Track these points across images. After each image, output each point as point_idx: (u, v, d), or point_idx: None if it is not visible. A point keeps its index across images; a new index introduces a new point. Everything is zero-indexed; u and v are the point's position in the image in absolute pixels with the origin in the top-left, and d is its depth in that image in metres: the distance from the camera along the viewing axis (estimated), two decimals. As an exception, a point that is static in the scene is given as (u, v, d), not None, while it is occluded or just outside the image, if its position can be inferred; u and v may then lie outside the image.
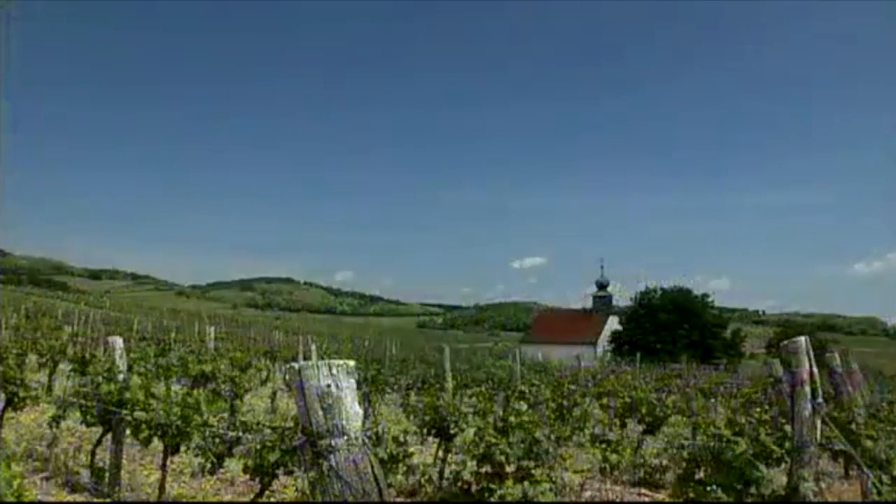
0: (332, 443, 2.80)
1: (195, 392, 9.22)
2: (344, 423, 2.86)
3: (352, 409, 2.90)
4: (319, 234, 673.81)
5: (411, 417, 11.38)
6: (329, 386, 2.88)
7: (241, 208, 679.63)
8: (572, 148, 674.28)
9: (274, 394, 17.80)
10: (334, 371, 2.91)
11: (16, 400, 10.94)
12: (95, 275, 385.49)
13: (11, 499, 3.88)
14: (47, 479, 9.49)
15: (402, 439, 7.09)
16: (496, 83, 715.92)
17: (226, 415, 8.00)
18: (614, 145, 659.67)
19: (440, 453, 10.25)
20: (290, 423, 7.09)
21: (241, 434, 7.03)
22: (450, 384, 13.72)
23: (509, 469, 6.03)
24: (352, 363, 2.98)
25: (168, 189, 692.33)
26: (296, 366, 2.97)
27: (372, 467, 2.84)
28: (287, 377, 3.16)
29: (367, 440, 2.87)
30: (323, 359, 18.53)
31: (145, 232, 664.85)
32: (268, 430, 6.82)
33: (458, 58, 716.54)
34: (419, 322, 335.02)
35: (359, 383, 2.98)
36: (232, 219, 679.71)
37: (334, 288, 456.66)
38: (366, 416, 6.39)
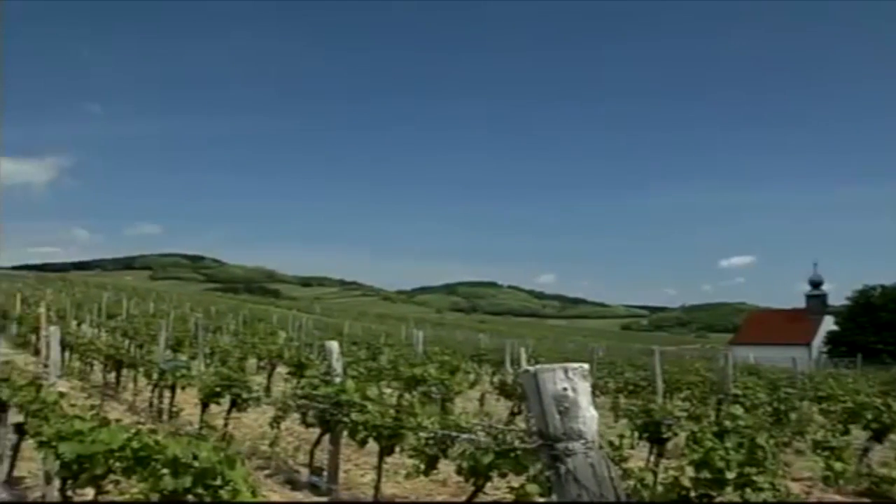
0: (569, 446, 2.75)
1: (408, 395, 9.40)
2: (581, 426, 2.80)
3: (588, 413, 2.84)
4: (522, 238, 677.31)
5: (620, 421, 11.19)
6: (565, 389, 2.82)
7: (444, 215, 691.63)
8: (784, 142, 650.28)
9: (482, 397, 17.89)
10: (570, 374, 2.85)
11: (239, 401, 11.47)
12: (306, 282, 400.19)
13: (248, 494, 4.04)
14: (269, 476, 9.90)
15: (616, 443, 6.99)
16: (706, 71, 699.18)
17: (437, 417, 8.07)
18: (826, 137, 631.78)
19: (652, 458, 10.04)
20: (500, 426, 7.10)
21: (455, 436, 7.08)
22: (660, 387, 13.41)
23: (729, 475, 5.81)
24: (586, 366, 2.92)
25: (372, 198, 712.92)
26: (531, 370, 2.93)
27: (609, 471, 2.77)
28: (522, 381, 3.12)
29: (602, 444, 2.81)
30: (530, 362, 18.63)
31: (352, 240, 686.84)
32: (481, 433, 6.84)
33: (672, 47, 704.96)
34: (624, 324, 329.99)
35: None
36: (434, 225, 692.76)
37: (537, 291, 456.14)
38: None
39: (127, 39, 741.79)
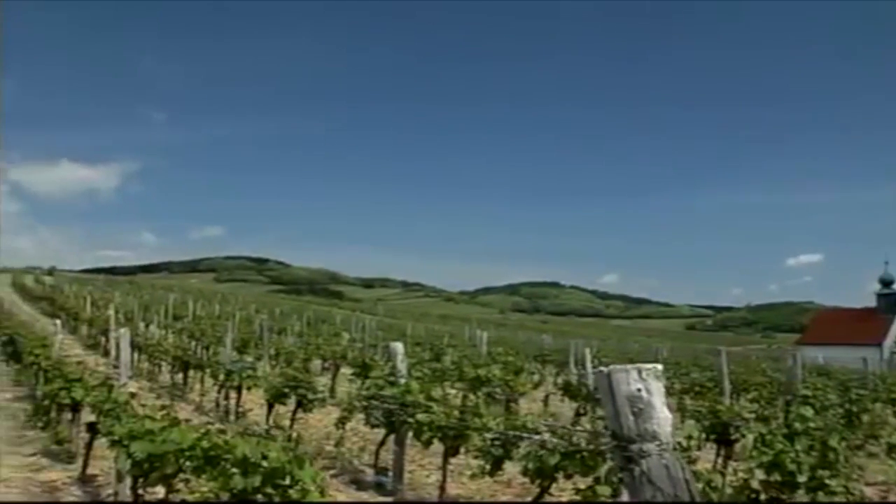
0: (644, 447, 2.72)
1: (472, 395, 9.40)
2: (655, 427, 2.77)
3: (662, 414, 2.81)
4: (584, 238, 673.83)
5: (687, 422, 11.05)
6: (639, 390, 2.80)
7: (506, 215, 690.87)
8: (854, 141, 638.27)
9: (546, 397, 17.78)
10: (644, 375, 2.83)
11: (305, 402, 11.57)
12: (368, 283, 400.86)
13: (316, 494, 4.07)
14: (335, 476, 9.96)
15: (684, 444, 6.90)
16: (777, 72, 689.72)
17: (502, 418, 8.06)
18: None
19: (719, 460, 9.91)
20: (567, 426, 7.06)
21: (521, 436, 7.06)
22: (727, 388, 13.22)
23: (801, 478, 5.70)
24: (660, 367, 2.89)
25: (434, 200, 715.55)
26: (605, 370, 2.91)
27: (683, 472, 2.74)
28: (596, 381, 3.09)
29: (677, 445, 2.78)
30: (594, 363, 18.50)
31: (414, 241, 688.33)
32: (547, 434, 6.81)
33: (731, 48, 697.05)
34: (688, 324, 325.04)
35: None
36: (497, 226, 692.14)
37: (600, 291, 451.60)
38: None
39: (188, 45, 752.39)
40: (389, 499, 9.04)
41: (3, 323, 26.46)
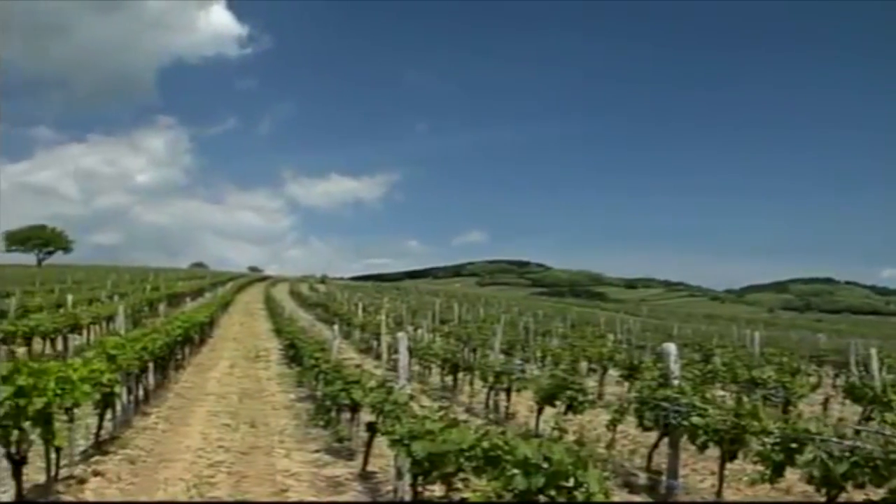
0: None
1: (745, 398, 9.11)
2: None
3: None
4: (861, 231, 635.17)
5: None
6: None
7: (774, 210, 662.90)
8: None
9: (826, 400, 16.95)
10: None
11: (574, 404, 11.61)
12: (630, 284, 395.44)
13: (602, 497, 4.07)
14: (605, 478, 9.90)
15: None
16: None
17: (780, 422, 7.76)
18: None
19: None
20: (849, 433, 6.69)
21: (806, 441, 6.76)
22: None
23: None
24: None
25: (696, 196, 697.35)
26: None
27: None
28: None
29: None
30: (879, 363, 17.40)
31: (676, 240, 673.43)
32: (834, 440, 6.49)
33: None
34: None
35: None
36: (764, 221, 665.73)
37: (879, 286, 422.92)
38: None
39: (450, 56, 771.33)
40: (664, 502, 8.91)
41: (285, 329, 28.10)
